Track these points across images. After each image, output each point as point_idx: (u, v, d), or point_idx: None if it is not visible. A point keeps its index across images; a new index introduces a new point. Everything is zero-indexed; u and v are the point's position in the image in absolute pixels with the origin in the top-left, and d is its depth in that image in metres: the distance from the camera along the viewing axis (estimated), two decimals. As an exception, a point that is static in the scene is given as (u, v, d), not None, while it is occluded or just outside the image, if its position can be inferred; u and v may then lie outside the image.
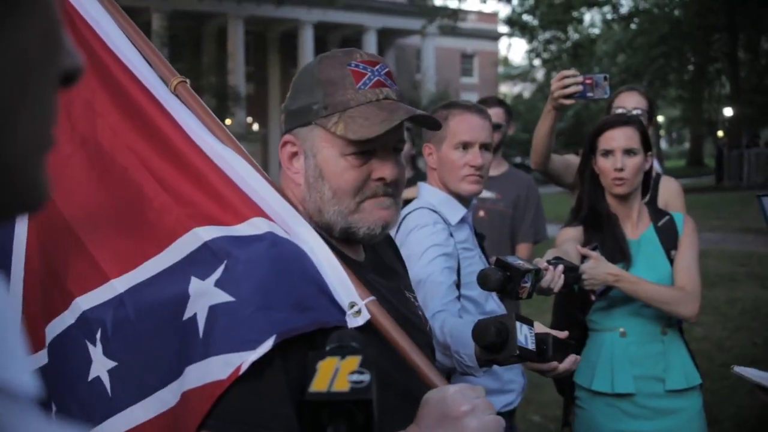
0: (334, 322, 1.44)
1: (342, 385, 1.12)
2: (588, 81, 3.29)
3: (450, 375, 2.38)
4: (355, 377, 1.13)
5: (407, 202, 2.76)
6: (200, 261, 1.46)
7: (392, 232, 2.70)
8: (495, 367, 2.28)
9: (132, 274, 1.54)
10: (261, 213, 1.53)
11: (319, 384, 1.12)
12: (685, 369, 3.18)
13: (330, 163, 1.63)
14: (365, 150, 1.63)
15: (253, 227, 1.49)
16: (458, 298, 2.67)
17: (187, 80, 1.76)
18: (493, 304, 2.87)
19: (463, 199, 2.91)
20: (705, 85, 38.61)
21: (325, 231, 1.67)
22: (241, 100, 36.83)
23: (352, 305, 1.48)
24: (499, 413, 1.73)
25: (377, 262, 1.81)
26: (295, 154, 1.69)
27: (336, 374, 1.14)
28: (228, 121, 34.37)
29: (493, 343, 1.91)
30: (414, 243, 2.67)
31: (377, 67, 1.68)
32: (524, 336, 1.92)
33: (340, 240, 1.69)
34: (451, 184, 2.88)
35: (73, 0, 1.75)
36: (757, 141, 33.77)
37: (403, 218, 2.74)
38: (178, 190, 1.57)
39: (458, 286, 2.69)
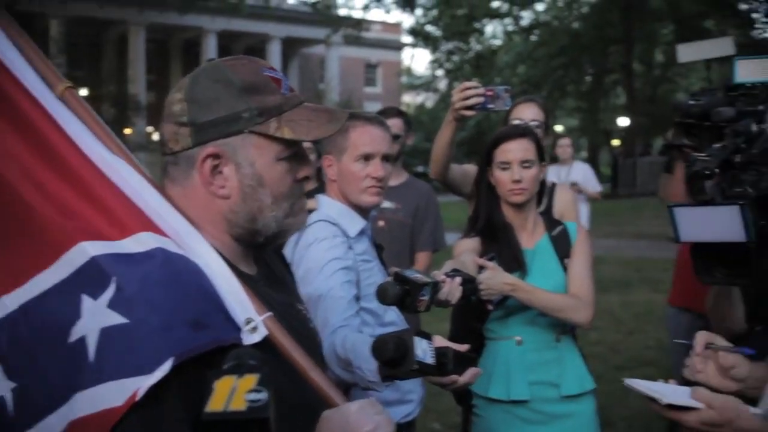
0: (230, 340, 1.40)
1: (239, 404, 1.12)
2: (489, 93, 3.28)
3: (348, 388, 2.38)
4: (253, 396, 1.13)
5: (309, 212, 2.76)
6: (89, 278, 1.39)
7: (291, 247, 2.71)
8: None
9: (22, 290, 1.45)
10: (151, 227, 1.47)
11: (215, 404, 1.12)
12: (579, 375, 3.27)
13: (269, 170, 1.59)
14: (294, 153, 1.63)
15: (139, 243, 1.42)
16: (358, 311, 2.67)
17: (75, 87, 1.63)
18: (393, 315, 2.88)
19: (363, 211, 2.92)
20: (602, 96, 39.92)
21: (243, 239, 1.64)
22: (141, 109, 35.98)
23: (248, 321, 1.44)
24: (399, 424, 1.76)
25: (268, 274, 1.78)
26: (216, 167, 1.59)
27: (233, 393, 1.13)
28: (128, 131, 33.60)
29: (392, 359, 1.91)
30: (313, 257, 2.67)
31: (281, 73, 1.68)
32: (422, 350, 1.93)
33: (236, 252, 1.64)
34: (351, 195, 2.88)
35: None
36: (650, 150, 34.99)
37: (302, 231, 2.73)
38: (63, 201, 1.48)
39: (357, 298, 2.70)
